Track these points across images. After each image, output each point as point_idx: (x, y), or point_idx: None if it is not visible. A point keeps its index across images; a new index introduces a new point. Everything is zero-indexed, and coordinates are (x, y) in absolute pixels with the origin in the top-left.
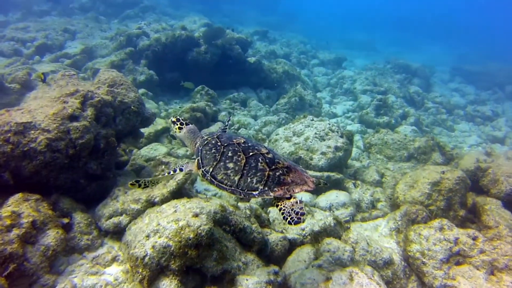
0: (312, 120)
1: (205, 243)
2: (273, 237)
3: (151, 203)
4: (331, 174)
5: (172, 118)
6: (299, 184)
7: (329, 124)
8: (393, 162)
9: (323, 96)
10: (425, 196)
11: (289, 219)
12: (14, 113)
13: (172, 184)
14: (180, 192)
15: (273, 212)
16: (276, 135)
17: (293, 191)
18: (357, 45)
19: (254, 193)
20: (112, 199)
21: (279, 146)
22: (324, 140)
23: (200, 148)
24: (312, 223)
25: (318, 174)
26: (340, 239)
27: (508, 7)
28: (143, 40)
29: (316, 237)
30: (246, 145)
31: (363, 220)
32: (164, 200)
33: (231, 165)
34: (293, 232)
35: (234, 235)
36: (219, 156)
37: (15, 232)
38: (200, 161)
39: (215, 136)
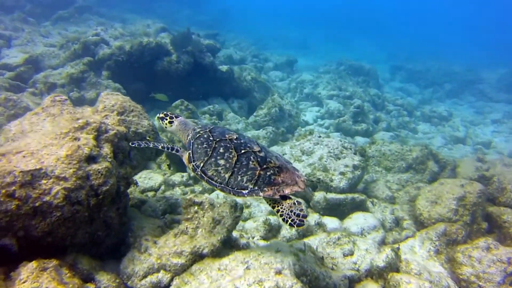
0: (320, 136)
1: None
2: (334, 276)
3: (198, 256)
4: (355, 195)
5: (158, 115)
6: (289, 185)
7: (341, 141)
8: (392, 174)
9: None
10: (453, 212)
11: (290, 221)
12: (13, 158)
13: (221, 231)
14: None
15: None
16: (284, 155)
17: (283, 191)
18: (292, 44)
19: (243, 192)
20: (141, 252)
21: None
22: (339, 158)
23: (192, 141)
24: (367, 257)
25: (341, 196)
26: (398, 270)
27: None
28: (102, 48)
29: (381, 273)
30: (239, 141)
31: (395, 242)
32: (215, 251)
33: (222, 161)
34: (344, 266)
35: (310, 284)
36: (211, 152)
37: None
38: (191, 155)
39: (207, 130)
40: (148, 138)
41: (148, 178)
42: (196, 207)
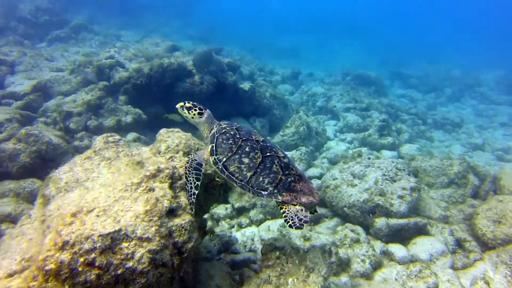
0: (369, 158)
1: None
2: None
3: None
4: (418, 219)
5: (186, 103)
6: (306, 194)
7: (393, 162)
8: (434, 190)
9: None
10: None
11: (290, 222)
12: (87, 219)
13: (316, 280)
14: None
15: None
16: (334, 179)
17: (300, 199)
18: (283, 53)
19: (263, 193)
20: None
21: (344, 192)
22: (395, 181)
23: (216, 135)
24: None
25: (404, 221)
26: None
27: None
28: (118, 71)
29: None
30: (265, 144)
31: (465, 267)
32: None
33: (246, 160)
34: None
35: None
36: (236, 149)
37: None
38: (214, 148)
39: (234, 128)
40: (217, 180)
41: None
42: (277, 252)
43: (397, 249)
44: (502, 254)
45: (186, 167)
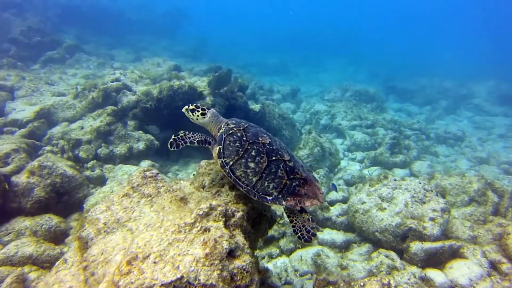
0: (395, 180)
1: None
2: None
3: None
4: (452, 242)
5: (190, 106)
6: (310, 198)
7: (420, 183)
8: (455, 209)
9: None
10: None
11: (299, 234)
12: (144, 266)
13: None
14: None
15: None
16: (362, 203)
17: (304, 203)
18: (271, 69)
19: (268, 198)
20: None
21: (374, 217)
22: (424, 203)
23: (224, 137)
24: None
25: (438, 245)
26: None
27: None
28: (126, 95)
29: None
30: (271, 147)
31: None
32: None
33: (252, 165)
34: None
35: None
36: (242, 152)
37: None
38: (221, 150)
39: (241, 128)
40: (265, 213)
41: None
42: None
43: (435, 275)
44: None
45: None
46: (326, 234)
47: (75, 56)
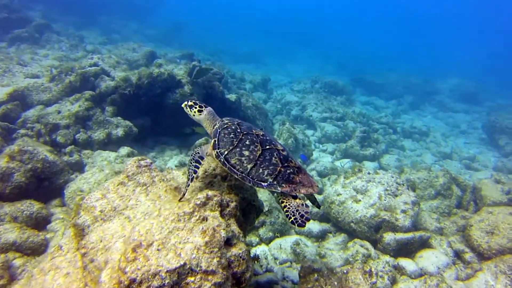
0: (369, 173)
1: None
2: None
3: None
4: (422, 233)
5: (187, 102)
6: (305, 186)
7: (393, 177)
8: (423, 202)
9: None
10: None
11: (292, 219)
12: (148, 253)
13: None
14: None
15: None
16: (338, 195)
17: (299, 190)
18: (241, 57)
19: (263, 184)
20: None
21: (349, 208)
22: (396, 196)
23: (218, 130)
24: None
25: (409, 236)
26: None
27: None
28: (104, 80)
29: None
30: (264, 138)
31: (468, 277)
32: None
33: (246, 152)
34: None
35: None
36: (237, 142)
37: None
38: (216, 142)
39: (235, 123)
40: (253, 203)
41: None
42: (316, 275)
43: (407, 263)
44: (500, 264)
45: (189, 160)
46: None
47: (45, 35)
